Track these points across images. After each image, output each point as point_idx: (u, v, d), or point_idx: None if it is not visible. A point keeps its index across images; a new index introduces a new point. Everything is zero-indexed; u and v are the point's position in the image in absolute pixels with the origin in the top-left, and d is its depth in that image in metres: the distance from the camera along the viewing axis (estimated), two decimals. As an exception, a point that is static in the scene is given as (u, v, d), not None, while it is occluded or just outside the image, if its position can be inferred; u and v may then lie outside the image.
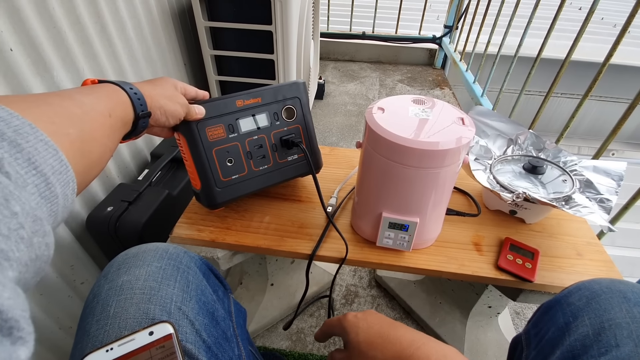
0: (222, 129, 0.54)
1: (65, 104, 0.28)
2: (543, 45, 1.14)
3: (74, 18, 0.72)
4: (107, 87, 0.35)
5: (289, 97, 0.58)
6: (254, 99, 0.56)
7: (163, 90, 0.43)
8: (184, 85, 0.48)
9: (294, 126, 0.60)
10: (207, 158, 0.53)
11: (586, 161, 0.63)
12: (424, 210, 0.51)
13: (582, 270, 0.55)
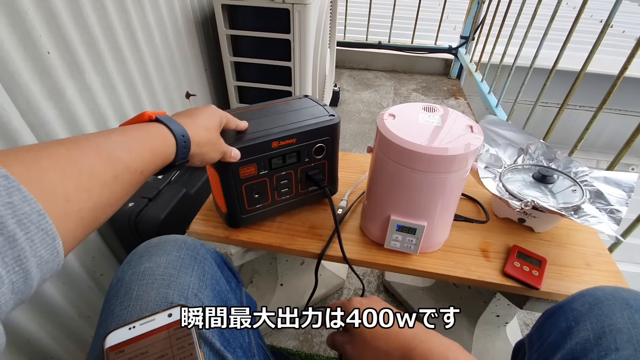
0: (255, 168, 0.54)
1: (99, 167, 0.28)
2: (559, 57, 1.14)
3: (106, 24, 0.77)
4: (156, 135, 0.34)
5: (323, 137, 0.58)
6: (290, 139, 0.55)
7: (209, 135, 0.42)
8: (227, 118, 0.48)
9: (321, 162, 0.60)
10: (237, 192, 0.55)
11: (597, 172, 0.63)
12: (431, 214, 0.53)
13: (589, 280, 0.55)
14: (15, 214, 0.21)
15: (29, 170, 0.23)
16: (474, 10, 2.06)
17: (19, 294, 0.22)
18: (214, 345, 0.35)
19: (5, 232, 0.21)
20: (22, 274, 0.22)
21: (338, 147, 0.61)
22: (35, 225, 0.22)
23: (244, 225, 0.60)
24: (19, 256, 0.21)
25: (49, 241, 0.23)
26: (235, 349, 0.38)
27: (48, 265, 0.24)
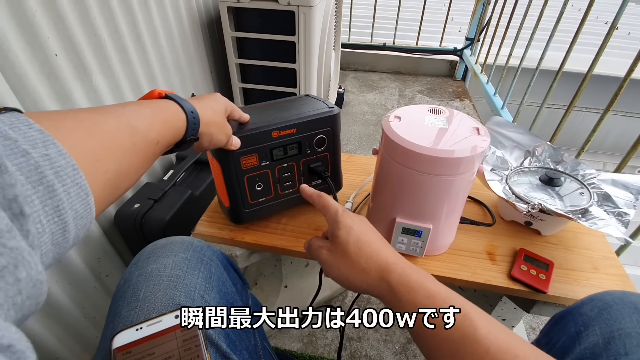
0: (256, 158, 0.55)
1: (119, 133, 0.28)
2: (565, 59, 1.13)
3: (112, 27, 0.77)
4: (168, 109, 0.35)
5: (323, 128, 0.59)
6: (290, 129, 0.55)
7: (216, 116, 0.43)
8: (232, 107, 0.48)
9: (323, 154, 0.61)
10: (239, 184, 0.55)
11: (605, 174, 0.62)
12: (437, 217, 0.53)
13: (597, 284, 0.54)
14: (52, 166, 0.21)
15: (58, 128, 0.24)
16: (479, 12, 2.05)
17: (57, 246, 0.22)
18: (220, 347, 0.35)
19: (45, 182, 0.21)
20: (61, 225, 0.22)
21: (339, 140, 0.62)
22: (71, 179, 0.23)
23: (247, 221, 0.59)
24: (58, 207, 0.22)
25: (83, 196, 0.24)
26: (242, 351, 0.38)
27: (82, 220, 0.24)
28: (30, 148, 0.21)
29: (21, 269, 0.18)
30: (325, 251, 0.41)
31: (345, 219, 0.41)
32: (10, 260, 0.17)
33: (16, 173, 0.19)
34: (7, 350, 0.15)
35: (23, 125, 0.21)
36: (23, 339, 0.16)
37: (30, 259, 0.19)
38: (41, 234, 0.20)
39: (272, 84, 1.23)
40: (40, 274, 0.20)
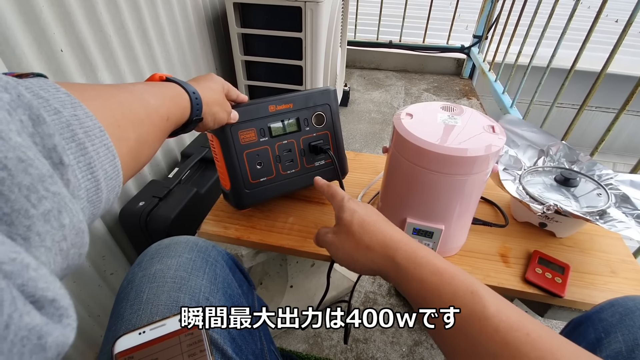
0: (254, 133, 0.55)
1: (134, 105, 0.29)
2: (578, 57, 1.10)
3: (118, 23, 0.76)
4: (173, 89, 0.36)
5: (319, 104, 0.60)
6: (286, 104, 0.57)
7: (215, 95, 0.44)
8: (228, 86, 0.49)
9: (323, 132, 0.61)
10: (238, 160, 0.55)
11: (623, 175, 0.60)
12: (449, 218, 0.51)
13: (615, 288, 0.53)
14: (82, 126, 0.22)
15: (80, 95, 0.24)
16: (487, 9, 2.02)
17: (92, 205, 0.23)
18: (225, 352, 0.34)
19: (76, 139, 0.21)
20: (94, 183, 0.22)
21: (339, 118, 0.62)
22: (99, 139, 0.23)
23: (250, 204, 0.58)
24: (90, 164, 0.22)
25: (110, 157, 0.24)
26: (248, 356, 0.37)
27: (112, 182, 0.24)
28: (61, 107, 0.21)
29: (65, 215, 0.18)
30: (331, 234, 0.42)
31: (350, 203, 0.42)
32: (54, 205, 0.17)
33: (52, 125, 0.20)
34: (50, 305, 0.15)
35: (51, 88, 0.21)
36: (67, 295, 0.16)
37: (72, 206, 0.19)
38: (78, 187, 0.21)
39: (277, 81, 1.21)
40: (82, 222, 0.20)
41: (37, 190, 0.17)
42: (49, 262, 0.17)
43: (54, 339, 0.14)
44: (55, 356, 0.15)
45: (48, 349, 0.14)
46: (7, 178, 0.15)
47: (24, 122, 0.18)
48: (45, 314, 0.14)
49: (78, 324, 0.60)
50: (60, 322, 0.15)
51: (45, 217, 0.17)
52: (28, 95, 0.19)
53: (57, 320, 0.15)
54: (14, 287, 0.13)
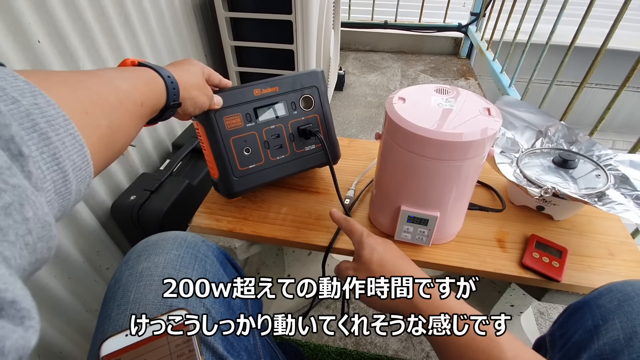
0: (240, 118, 0.54)
1: (103, 90, 0.28)
2: (577, 33, 1.07)
3: (98, 10, 0.73)
4: (146, 73, 0.35)
5: (307, 86, 0.58)
6: (272, 87, 0.55)
7: (194, 78, 0.43)
8: (209, 70, 0.48)
9: (312, 116, 0.59)
10: (225, 147, 0.53)
11: (622, 155, 0.59)
12: (444, 205, 0.50)
13: (614, 270, 0.52)
14: (43, 115, 0.21)
15: (43, 82, 0.23)
16: (484, -15, 1.96)
17: (61, 197, 0.22)
18: (216, 350, 0.33)
19: (38, 129, 0.20)
20: (61, 174, 0.22)
21: (328, 101, 0.61)
22: (63, 129, 0.22)
23: (240, 191, 0.57)
24: (55, 154, 0.21)
25: (78, 147, 0.23)
26: (240, 352, 0.36)
27: (81, 172, 0.24)
28: (19, 96, 0.20)
29: (27, 208, 0.17)
30: (352, 271, 0.43)
31: (370, 240, 0.43)
32: (15, 198, 0.17)
33: (9, 115, 0.18)
34: (10, 307, 0.14)
35: (8, 76, 0.20)
36: (28, 296, 0.15)
37: (35, 199, 0.18)
38: (43, 179, 0.20)
39: (269, 67, 1.18)
40: (48, 215, 0.19)
41: None
42: (14, 257, 0.16)
43: (13, 343, 0.14)
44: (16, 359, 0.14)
45: (7, 354, 0.14)
46: None
47: None
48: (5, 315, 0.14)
49: (76, 319, 0.59)
50: (22, 325, 0.15)
51: (6, 211, 0.16)
52: None
53: (19, 323, 0.14)
54: None
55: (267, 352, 0.43)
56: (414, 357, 0.80)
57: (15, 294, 0.14)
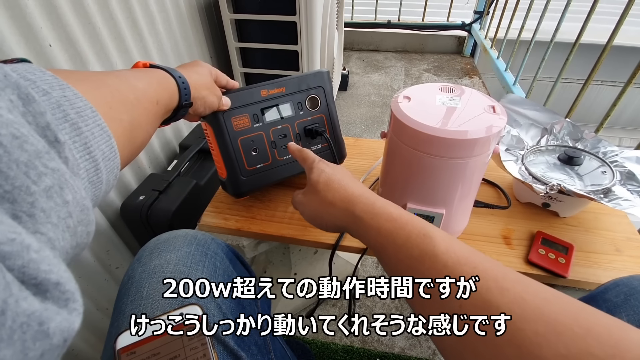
0: (247, 119, 0.55)
1: (122, 88, 0.29)
2: (582, 30, 1.07)
3: (107, 14, 0.74)
4: (159, 74, 0.36)
5: (313, 87, 0.59)
6: (278, 88, 0.56)
7: (203, 79, 0.44)
8: (216, 72, 0.49)
9: (318, 116, 0.60)
10: (233, 147, 0.54)
11: (628, 151, 0.59)
12: (450, 202, 0.50)
13: (620, 267, 0.52)
14: (73, 106, 0.21)
15: (67, 78, 0.23)
16: (488, -17, 1.96)
17: (93, 186, 0.22)
18: (227, 344, 0.34)
19: (69, 119, 0.21)
20: (93, 163, 0.22)
21: (334, 101, 0.61)
22: (92, 120, 0.23)
23: (247, 191, 0.58)
24: (86, 144, 0.22)
25: (106, 137, 0.24)
26: (250, 347, 0.37)
27: (110, 162, 0.24)
28: (49, 89, 0.20)
29: (67, 191, 0.18)
30: (301, 195, 0.44)
31: (320, 164, 0.43)
32: (55, 182, 0.17)
33: (43, 104, 0.19)
34: (55, 289, 0.14)
35: (37, 71, 0.21)
36: (72, 279, 0.16)
37: (74, 183, 0.19)
38: (78, 166, 0.21)
39: (274, 68, 1.19)
40: (86, 199, 0.20)
41: (35, 167, 0.16)
42: (58, 239, 0.17)
43: (57, 325, 0.14)
44: (61, 342, 0.14)
45: (52, 335, 0.14)
46: (4, 155, 0.15)
47: (14, 102, 0.17)
48: (50, 297, 0.14)
49: (87, 318, 0.61)
50: (66, 307, 0.15)
51: (48, 194, 0.16)
52: (15, 75, 0.18)
53: (63, 305, 0.15)
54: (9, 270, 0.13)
55: (277, 347, 0.44)
56: (420, 354, 0.80)
57: (60, 275, 0.15)
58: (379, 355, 0.80)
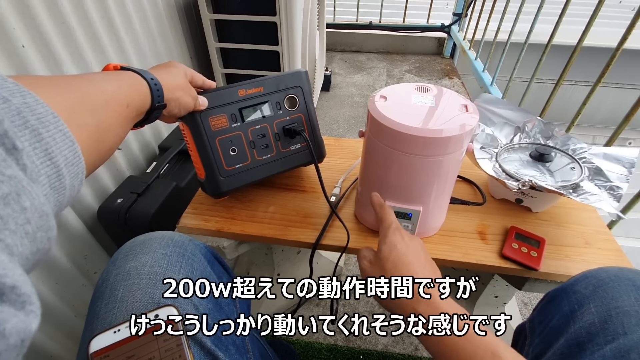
0: (225, 119, 0.54)
1: (89, 91, 0.29)
2: (554, 31, 1.11)
3: (82, 13, 0.73)
4: (130, 76, 0.35)
5: (291, 86, 0.59)
6: (256, 88, 0.56)
7: (177, 80, 0.43)
8: (192, 72, 0.48)
9: (297, 115, 0.60)
10: (211, 147, 0.54)
11: (596, 148, 0.61)
12: (427, 199, 0.51)
13: (590, 259, 0.54)
14: (33, 113, 0.21)
15: (30, 84, 0.23)
16: (466, -14, 2.00)
17: (56, 192, 0.22)
18: (204, 345, 0.34)
19: (29, 126, 0.21)
20: (54, 169, 0.22)
21: (312, 101, 0.62)
22: (53, 125, 0.23)
23: (227, 191, 0.57)
24: (47, 150, 0.22)
25: (68, 143, 0.24)
26: (228, 347, 0.37)
27: (74, 168, 0.24)
28: (9, 96, 0.21)
29: (24, 198, 0.18)
30: (367, 262, 0.42)
31: (394, 235, 0.41)
32: (12, 189, 0.17)
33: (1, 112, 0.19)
34: (11, 292, 0.15)
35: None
36: (28, 282, 0.16)
37: (31, 189, 0.19)
38: (37, 173, 0.21)
39: (255, 68, 1.19)
40: (44, 205, 0.20)
41: None
42: (16, 245, 0.17)
43: (13, 326, 0.14)
44: (19, 342, 0.15)
45: (8, 336, 0.14)
46: None
47: None
48: (6, 300, 0.14)
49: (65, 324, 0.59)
50: (23, 309, 0.15)
51: (5, 201, 0.17)
52: None
53: (20, 307, 0.15)
54: None
55: (256, 346, 0.44)
56: (403, 350, 0.81)
57: (16, 279, 0.15)
58: (362, 352, 0.81)
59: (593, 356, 0.33)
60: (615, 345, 0.33)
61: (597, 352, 0.33)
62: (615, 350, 0.32)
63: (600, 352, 0.33)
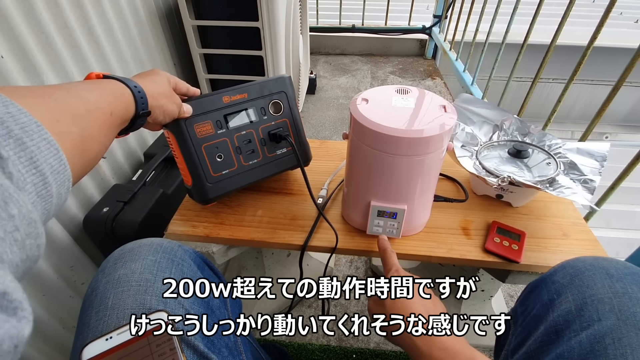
0: (210, 125, 0.55)
1: (71, 101, 0.29)
2: (529, 31, 1.15)
3: (61, 22, 0.72)
4: (112, 84, 0.36)
5: (275, 92, 0.60)
6: (240, 94, 0.57)
7: (161, 87, 0.44)
8: (175, 80, 0.49)
9: (282, 120, 0.61)
10: (197, 154, 0.54)
11: (570, 143, 0.64)
12: (411, 197, 0.53)
13: (567, 249, 0.56)
14: (17, 122, 0.22)
15: (12, 95, 0.23)
16: (445, -12, 2.05)
17: (43, 200, 0.23)
18: (197, 348, 0.34)
19: (13, 135, 0.21)
20: (40, 177, 0.22)
21: (297, 105, 0.63)
22: (37, 134, 0.23)
23: (214, 197, 0.58)
24: (32, 158, 0.22)
25: (53, 151, 0.24)
26: (221, 349, 0.37)
27: (60, 176, 0.24)
28: None
29: (12, 206, 0.18)
30: (372, 302, 0.45)
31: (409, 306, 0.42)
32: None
33: None
34: (2, 299, 0.15)
35: None
36: (19, 289, 0.16)
37: (19, 197, 0.19)
38: (23, 181, 0.21)
39: (240, 73, 1.19)
40: (32, 212, 0.20)
41: None
42: (6, 252, 0.17)
43: (6, 331, 0.15)
44: (12, 348, 0.15)
45: (1, 342, 0.14)
46: None
47: None
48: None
49: (53, 336, 0.58)
50: (15, 315, 0.16)
51: None
52: None
53: (12, 313, 0.15)
54: None
55: (248, 349, 0.44)
56: (395, 347, 0.82)
57: (6, 285, 0.15)
58: (355, 351, 0.82)
59: (570, 342, 0.35)
60: (590, 332, 0.34)
61: (574, 338, 0.35)
62: (591, 336, 0.34)
63: (577, 339, 0.35)
